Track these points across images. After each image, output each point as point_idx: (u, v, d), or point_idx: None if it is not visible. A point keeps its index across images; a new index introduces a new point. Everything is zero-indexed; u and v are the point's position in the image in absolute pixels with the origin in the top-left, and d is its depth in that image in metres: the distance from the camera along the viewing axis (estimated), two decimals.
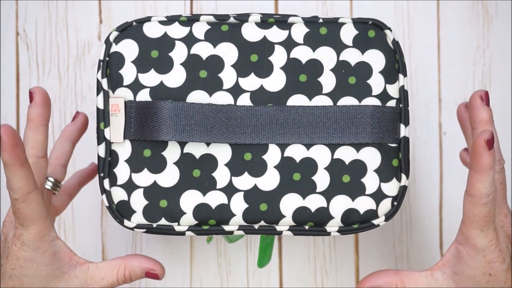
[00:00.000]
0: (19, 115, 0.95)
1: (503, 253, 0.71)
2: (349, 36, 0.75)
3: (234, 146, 0.74)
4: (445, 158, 0.97)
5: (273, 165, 0.74)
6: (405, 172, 0.75)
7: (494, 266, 0.70)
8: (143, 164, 0.74)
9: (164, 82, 0.74)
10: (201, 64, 0.74)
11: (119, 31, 0.75)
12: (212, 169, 0.74)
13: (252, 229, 0.74)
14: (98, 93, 0.74)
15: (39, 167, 0.73)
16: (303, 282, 0.96)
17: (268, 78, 0.74)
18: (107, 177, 0.74)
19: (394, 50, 0.75)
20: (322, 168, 0.74)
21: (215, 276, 0.96)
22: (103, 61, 0.74)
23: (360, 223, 0.75)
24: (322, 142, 0.74)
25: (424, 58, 0.97)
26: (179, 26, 0.75)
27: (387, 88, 0.75)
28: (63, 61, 0.96)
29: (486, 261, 0.70)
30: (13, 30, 0.96)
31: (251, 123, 0.73)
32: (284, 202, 0.73)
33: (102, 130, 0.74)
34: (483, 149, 0.66)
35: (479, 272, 0.71)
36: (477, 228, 0.70)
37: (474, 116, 0.72)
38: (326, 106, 0.74)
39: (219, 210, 0.73)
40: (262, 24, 0.75)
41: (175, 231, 0.74)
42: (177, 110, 0.72)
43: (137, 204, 0.74)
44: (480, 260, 0.70)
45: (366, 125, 0.73)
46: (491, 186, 0.68)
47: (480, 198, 0.68)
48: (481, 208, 0.69)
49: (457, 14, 0.97)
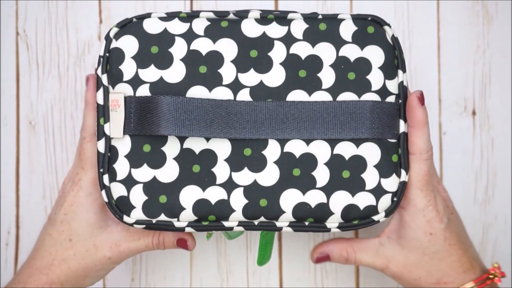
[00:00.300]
0: (19, 115, 0.95)
1: (441, 213, 0.77)
2: (349, 32, 0.75)
3: (234, 142, 0.74)
4: (445, 158, 0.96)
5: (273, 160, 0.74)
6: (404, 168, 0.75)
7: (433, 225, 0.76)
8: (143, 159, 0.74)
9: (164, 78, 0.74)
10: (200, 60, 0.74)
11: (119, 27, 0.75)
12: (211, 165, 0.73)
13: (252, 225, 0.74)
14: (98, 88, 0.74)
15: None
16: (303, 282, 0.96)
17: (268, 74, 0.74)
18: (106, 172, 0.74)
19: (393, 46, 0.75)
20: (322, 163, 0.74)
21: (215, 276, 0.96)
22: (103, 57, 0.75)
23: (360, 219, 0.75)
24: (321, 137, 0.74)
25: (424, 58, 0.97)
26: (179, 22, 0.75)
27: (387, 83, 0.75)
28: (63, 61, 0.96)
29: (426, 221, 0.76)
30: (13, 30, 0.96)
31: (250, 118, 0.73)
32: (284, 198, 0.73)
33: (102, 126, 0.74)
34: (416, 104, 0.75)
35: (420, 232, 0.76)
36: (417, 188, 0.75)
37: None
38: (326, 102, 0.74)
39: (218, 206, 0.73)
40: (261, 20, 0.75)
41: (174, 227, 0.74)
42: (176, 105, 0.72)
43: (137, 199, 0.74)
44: (420, 220, 0.76)
45: (366, 120, 0.74)
46: (428, 141, 0.75)
47: (421, 154, 0.75)
48: (422, 165, 0.75)
49: (457, 14, 0.97)
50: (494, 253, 0.97)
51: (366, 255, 0.79)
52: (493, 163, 0.97)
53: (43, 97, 0.95)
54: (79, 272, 0.78)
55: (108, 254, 0.78)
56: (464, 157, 0.97)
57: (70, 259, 0.78)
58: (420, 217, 0.76)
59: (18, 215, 0.95)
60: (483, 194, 0.97)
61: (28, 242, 0.95)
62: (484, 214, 0.97)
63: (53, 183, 0.95)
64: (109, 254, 0.78)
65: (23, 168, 0.95)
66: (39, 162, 0.95)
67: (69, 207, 0.78)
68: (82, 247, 0.78)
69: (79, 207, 0.78)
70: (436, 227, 0.77)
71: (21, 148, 0.95)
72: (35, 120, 0.95)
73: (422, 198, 0.76)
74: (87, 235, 0.78)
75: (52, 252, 0.79)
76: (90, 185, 0.78)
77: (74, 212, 0.78)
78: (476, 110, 0.97)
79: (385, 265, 0.79)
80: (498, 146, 0.97)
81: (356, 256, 0.79)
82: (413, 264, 0.78)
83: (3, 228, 0.95)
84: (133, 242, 0.78)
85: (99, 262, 0.78)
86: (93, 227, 0.78)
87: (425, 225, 0.76)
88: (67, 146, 0.95)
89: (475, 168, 0.96)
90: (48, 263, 0.78)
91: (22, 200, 0.95)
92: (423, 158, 0.75)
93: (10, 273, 0.95)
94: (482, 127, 0.97)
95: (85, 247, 0.78)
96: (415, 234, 0.77)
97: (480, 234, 0.97)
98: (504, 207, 0.97)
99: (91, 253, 0.78)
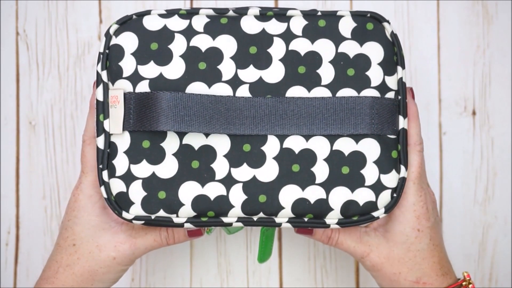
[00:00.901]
0: (19, 115, 0.95)
1: (429, 212, 0.77)
2: (348, 28, 0.75)
3: (233, 137, 0.74)
4: (445, 158, 0.96)
5: (272, 156, 0.74)
6: (404, 164, 0.75)
7: (421, 222, 0.77)
8: (142, 155, 0.73)
9: (163, 74, 0.74)
10: (200, 56, 0.74)
11: (119, 24, 0.75)
12: (211, 160, 0.73)
13: (251, 221, 0.74)
14: (98, 85, 0.74)
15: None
16: (303, 282, 0.96)
17: (267, 70, 0.74)
18: (106, 168, 0.74)
19: (393, 42, 0.75)
20: (321, 159, 0.74)
21: (215, 276, 0.96)
22: (103, 54, 0.75)
23: (360, 215, 0.75)
24: (321, 133, 0.74)
25: (424, 58, 0.97)
26: (179, 19, 0.75)
27: (386, 79, 0.75)
28: (63, 61, 0.96)
29: (415, 216, 0.77)
30: (13, 30, 0.96)
31: (250, 114, 0.73)
32: (283, 194, 0.73)
33: (101, 122, 0.74)
34: (410, 98, 0.77)
35: (408, 227, 0.77)
36: (410, 181, 0.76)
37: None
38: (325, 98, 0.74)
39: (218, 202, 0.73)
40: (261, 17, 0.75)
41: (173, 223, 0.74)
42: (176, 100, 0.72)
43: (136, 195, 0.73)
44: (410, 215, 0.77)
45: (365, 116, 0.73)
46: (420, 134, 0.77)
47: (415, 145, 0.77)
48: (415, 156, 0.77)
49: (457, 14, 0.97)
50: (494, 253, 0.96)
51: (349, 239, 0.79)
52: (493, 163, 0.96)
53: (43, 97, 0.95)
54: (85, 276, 0.78)
55: (112, 254, 0.77)
56: (464, 157, 0.97)
57: (74, 263, 0.78)
58: (410, 212, 0.77)
59: (18, 215, 0.95)
60: (483, 194, 0.97)
61: (28, 242, 0.95)
62: (484, 214, 0.96)
63: (53, 183, 0.95)
64: (114, 254, 0.77)
65: (23, 168, 0.95)
66: (39, 162, 0.95)
67: (71, 212, 0.78)
68: (85, 249, 0.77)
69: (80, 210, 0.78)
70: (424, 224, 0.77)
71: (21, 148, 0.95)
72: (35, 120, 0.95)
73: (414, 192, 0.77)
74: (90, 237, 0.77)
75: (58, 260, 0.78)
76: (90, 187, 0.78)
77: (76, 216, 0.78)
78: (476, 110, 0.97)
79: (367, 253, 0.78)
80: (498, 146, 0.96)
81: (339, 237, 0.79)
82: (396, 258, 0.78)
83: (3, 228, 0.95)
84: (140, 238, 0.78)
85: (103, 263, 0.77)
86: (95, 229, 0.78)
87: (414, 221, 0.77)
88: (67, 146, 0.95)
89: (475, 168, 0.96)
90: (54, 271, 0.78)
91: (22, 200, 0.95)
92: (417, 149, 0.77)
93: (10, 273, 0.95)
94: (482, 127, 0.97)
95: (89, 249, 0.77)
96: (403, 228, 0.77)
97: (480, 234, 0.96)
98: (504, 207, 0.96)
99: (94, 254, 0.77)
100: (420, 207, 0.77)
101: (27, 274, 0.95)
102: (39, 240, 0.95)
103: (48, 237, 0.95)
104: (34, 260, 0.95)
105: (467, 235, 0.96)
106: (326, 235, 0.79)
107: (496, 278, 0.97)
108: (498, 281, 0.97)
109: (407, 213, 0.77)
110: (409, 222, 0.77)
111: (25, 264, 0.95)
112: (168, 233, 0.78)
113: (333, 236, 0.79)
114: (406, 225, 0.77)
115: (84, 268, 0.77)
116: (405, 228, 0.77)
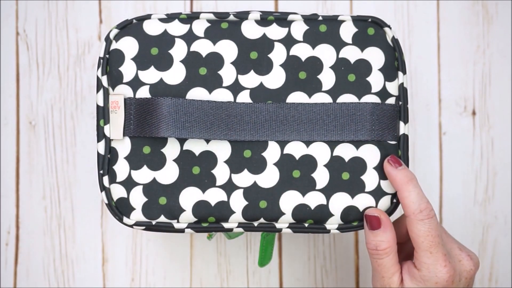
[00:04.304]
0: (19, 115, 0.95)
1: (455, 283, 0.72)
2: (349, 33, 0.75)
3: (234, 143, 0.74)
4: (445, 158, 0.96)
5: (273, 162, 0.74)
6: None
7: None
8: (143, 161, 0.74)
9: (164, 79, 0.74)
10: (200, 61, 0.74)
11: (119, 29, 0.75)
12: (211, 166, 0.73)
13: (252, 226, 0.74)
14: (98, 90, 0.74)
15: None
16: (303, 282, 0.96)
17: (268, 76, 0.74)
18: (106, 174, 0.74)
19: (394, 47, 0.75)
20: (322, 165, 0.74)
21: (215, 276, 0.96)
22: (103, 59, 0.75)
23: (360, 221, 0.75)
24: (321, 139, 0.74)
25: (424, 58, 0.96)
26: (179, 23, 0.75)
27: (387, 85, 0.75)
28: (63, 61, 0.96)
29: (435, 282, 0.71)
30: (13, 30, 0.96)
31: (250, 120, 0.73)
32: (283, 199, 0.73)
33: (101, 127, 0.74)
34: (390, 169, 0.72)
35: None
36: (425, 250, 0.71)
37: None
38: (326, 103, 0.74)
39: (218, 207, 0.73)
40: (261, 22, 0.75)
41: (174, 228, 0.74)
42: (176, 106, 0.72)
43: (137, 201, 0.74)
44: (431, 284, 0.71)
45: (366, 122, 0.73)
46: (418, 200, 0.71)
47: (414, 215, 0.71)
48: (419, 226, 0.71)
49: (457, 14, 0.97)
50: (494, 253, 0.97)
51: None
52: (493, 163, 0.97)
53: (43, 97, 0.95)
54: None
55: None
56: (464, 157, 0.97)
57: None
58: (432, 284, 0.71)
59: (18, 215, 0.95)
60: (483, 194, 0.97)
61: (28, 242, 0.95)
62: (484, 214, 0.97)
63: (53, 183, 0.95)
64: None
65: (23, 168, 0.95)
66: (39, 162, 0.95)
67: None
68: None
69: None
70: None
71: (21, 148, 0.95)
72: (35, 120, 0.95)
73: (433, 261, 0.71)
74: None
75: None
76: None
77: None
78: (476, 110, 0.97)
79: None
80: (498, 146, 0.97)
81: None
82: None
83: (3, 228, 0.95)
84: None
85: None
86: None
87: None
88: (67, 146, 0.95)
89: (475, 168, 0.96)
90: None
91: (22, 200, 0.95)
92: (418, 219, 0.71)
93: (10, 273, 0.95)
94: (482, 127, 0.97)
95: None
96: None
97: (480, 234, 0.97)
98: (504, 207, 0.97)
99: None
100: (445, 281, 0.71)
101: (27, 274, 0.96)
102: (39, 240, 0.95)
103: (48, 237, 0.95)
104: (34, 260, 0.95)
105: (467, 235, 0.97)
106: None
107: (496, 278, 0.97)
108: (498, 281, 0.97)
109: (428, 283, 0.72)
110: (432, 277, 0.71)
111: (25, 264, 0.96)
112: None
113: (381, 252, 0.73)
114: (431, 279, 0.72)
115: None
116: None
